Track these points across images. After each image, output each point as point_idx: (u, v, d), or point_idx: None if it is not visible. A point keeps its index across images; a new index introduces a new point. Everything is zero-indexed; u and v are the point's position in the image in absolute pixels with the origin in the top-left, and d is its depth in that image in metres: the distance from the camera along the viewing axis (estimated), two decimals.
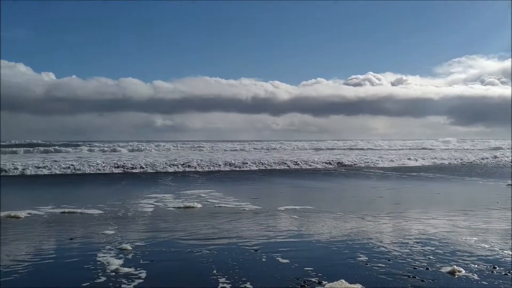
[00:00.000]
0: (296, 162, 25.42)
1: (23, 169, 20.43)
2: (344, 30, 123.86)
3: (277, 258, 6.10)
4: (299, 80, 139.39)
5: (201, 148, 43.87)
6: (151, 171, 21.81)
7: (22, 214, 9.58)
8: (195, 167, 22.94)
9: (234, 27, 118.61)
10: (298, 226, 8.48)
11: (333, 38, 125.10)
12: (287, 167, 23.75)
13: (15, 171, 20.20)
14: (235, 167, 23.04)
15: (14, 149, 35.80)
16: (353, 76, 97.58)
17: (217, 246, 6.81)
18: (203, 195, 13.02)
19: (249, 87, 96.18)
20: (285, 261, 5.98)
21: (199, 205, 10.99)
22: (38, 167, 21.18)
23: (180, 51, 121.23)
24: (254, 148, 45.40)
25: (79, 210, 10.20)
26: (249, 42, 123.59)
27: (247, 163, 24.23)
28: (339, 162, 25.81)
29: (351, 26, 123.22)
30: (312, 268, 5.60)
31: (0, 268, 5.61)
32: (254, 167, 23.33)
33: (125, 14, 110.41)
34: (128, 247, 6.64)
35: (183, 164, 23.35)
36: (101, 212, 10.09)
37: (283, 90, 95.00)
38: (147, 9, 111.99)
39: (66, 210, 10.22)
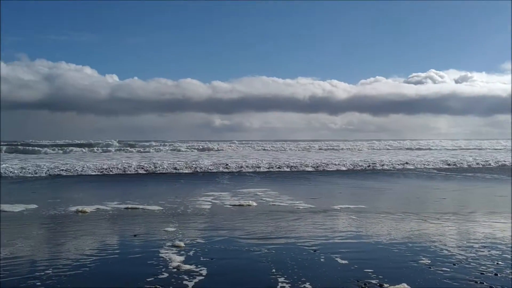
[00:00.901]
0: (355, 162, 25.04)
1: (104, 169, 21.32)
2: (404, 26, 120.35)
3: (336, 259, 6.03)
4: (357, 79, 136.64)
5: (264, 148, 44.08)
6: (226, 170, 22.08)
7: (88, 209, 10.08)
8: (259, 168, 23.05)
9: (290, 27, 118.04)
10: (356, 226, 8.34)
11: (392, 35, 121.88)
12: (344, 168, 23.36)
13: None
14: (293, 168, 22.85)
15: (81, 148, 37.45)
16: (414, 74, 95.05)
17: (275, 245, 6.82)
18: (259, 193, 13.12)
19: (307, 86, 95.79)
20: (344, 262, 5.90)
21: (254, 203, 11.09)
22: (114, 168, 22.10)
23: (238, 51, 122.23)
24: (310, 147, 45.14)
25: (141, 206, 10.62)
26: (306, 42, 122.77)
27: (305, 163, 24.06)
28: (400, 163, 25.11)
29: (411, 22, 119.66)
30: (372, 270, 5.49)
31: (70, 262, 5.90)
32: (310, 168, 23.13)
33: (184, 15, 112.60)
34: (182, 244, 6.80)
35: (248, 166, 23.54)
36: (161, 208, 10.43)
37: (341, 89, 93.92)
38: (205, 10, 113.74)
39: (130, 206, 10.66)
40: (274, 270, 5.54)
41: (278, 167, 22.71)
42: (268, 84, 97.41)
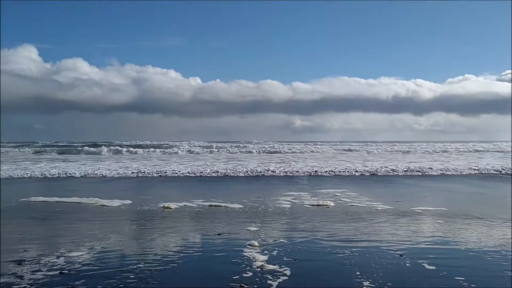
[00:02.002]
0: (446, 167, 23.85)
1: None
2: (492, 22, 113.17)
3: (423, 264, 5.76)
4: (444, 78, 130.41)
5: (350, 149, 43.48)
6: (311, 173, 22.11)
7: (174, 205, 10.57)
8: (345, 171, 22.76)
9: (371, 26, 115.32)
10: (443, 231, 7.92)
11: (481, 31, 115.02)
12: (434, 172, 22.30)
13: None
14: (376, 171, 22.00)
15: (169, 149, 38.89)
16: (508, 71, 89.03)
17: (358, 248, 6.65)
18: (338, 194, 12.96)
19: (390, 86, 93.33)
20: (431, 267, 5.63)
21: (331, 204, 11.02)
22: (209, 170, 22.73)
23: (318, 52, 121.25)
24: (411, 149, 43.78)
25: (223, 204, 10.89)
26: (388, 40, 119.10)
27: (389, 167, 23.29)
28: (494, 167, 23.54)
29: (503, 15, 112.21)
30: (463, 278, 5.19)
31: (159, 257, 6.12)
32: (391, 172, 22.37)
33: (264, 17, 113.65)
34: (265, 243, 6.82)
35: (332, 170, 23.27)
36: (243, 206, 10.64)
37: (427, 88, 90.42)
38: (285, 11, 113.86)
39: (213, 204, 10.95)
40: (358, 273, 5.40)
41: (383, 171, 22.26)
42: (349, 84, 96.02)
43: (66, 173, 19.28)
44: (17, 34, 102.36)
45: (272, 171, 20.34)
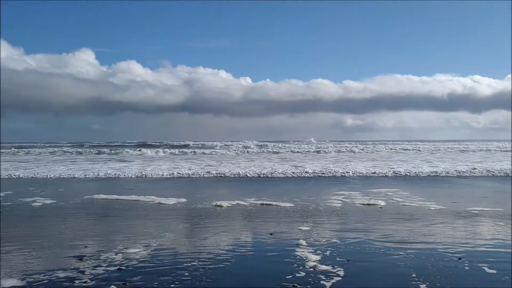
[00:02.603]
0: None
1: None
2: None
3: (483, 268, 5.50)
4: (504, 73, 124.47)
5: (406, 148, 42.37)
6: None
7: (225, 204, 10.69)
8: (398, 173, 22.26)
9: (424, 22, 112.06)
10: (504, 234, 7.53)
11: None
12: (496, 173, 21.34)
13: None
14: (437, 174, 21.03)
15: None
16: None
17: (413, 249, 6.43)
18: (389, 193, 12.69)
19: (445, 83, 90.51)
20: (492, 271, 5.36)
21: (383, 203, 10.82)
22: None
23: (370, 50, 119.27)
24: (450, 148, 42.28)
25: (274, 203, 10.90)
26: (443, 36, 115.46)
27: (443, 167, 22.46)
28: None
29: None
30: None
31: (212, 256, 6.16)
32: (450, 173, 21.59)
33: (314, 16, 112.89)
34: (317, 243, 6.72)
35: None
36: (293, 205, 10.63)
37: (485, 85, 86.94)
38: (334, 10, 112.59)
39: (264, 202, 11.00)
40: (414, 276, 5.21)
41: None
42: (402, 82, 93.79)
43: (123, 173, 19.85)
44: (76, 39, 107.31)
45: (326, 172, 20.09)
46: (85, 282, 4.97)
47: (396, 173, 19.31)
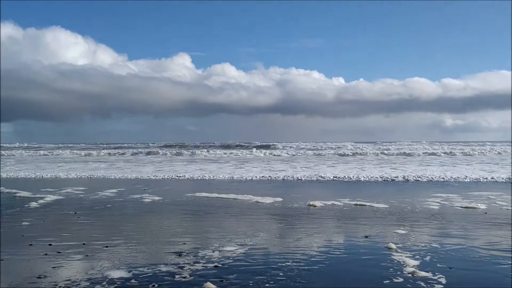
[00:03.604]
0: None
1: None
2: None
3: None
4: None
5: None
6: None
7: (318, 203, 10.65)
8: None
9: None
10: None
11: None
12: None
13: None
14: None
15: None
16: None
17: None
18: (492, 196, 11.79)
19: None
20: None
21: (482, 206, 10.12)
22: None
23: (470, 46, 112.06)
24: None
25: (368, 204, 10.65)
26: None
27: None
28: None
29: None
30: None
31: (306, 257, 6.07)
32: None
33: (406, 13, 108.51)
34: (415, 248, 6.36)
35: None
36: (387, 206, 10.30)
37: None
38: (432, 6, 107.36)
39: (359, 203, 10.79)
40: None
41: None
42: (509, 78, 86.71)
43: (220, 174, 20.45)
44: (174, 45, 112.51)
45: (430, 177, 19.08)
46: (184, 277, 5.12)
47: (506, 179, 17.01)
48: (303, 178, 17.67)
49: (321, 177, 18.02)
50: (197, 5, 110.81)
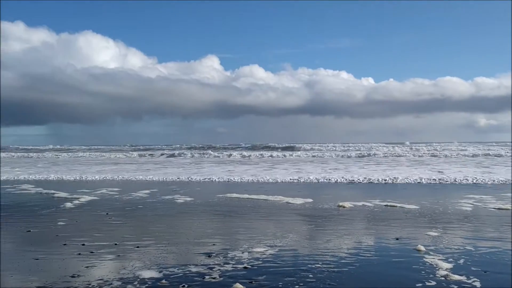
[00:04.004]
0: None
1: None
2: None
3: None
4: None
5: None
6: None
7: (347, 204, 10.63)
8: None
9: None
10: None
11: None
12: None
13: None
14: None
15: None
16: None
17: None
18: None
19: None
20: None
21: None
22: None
23: (504, 43, 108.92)
24: None
25: (399, 205, 10.53)
26: None
27: None
28: None
29: None
30: None
31: (336, 259, 6.00)
32: None
33: (438, 12, 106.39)
34: (447, 250, 6.19)
35: None
36: (418, 207, 10.18)
37: None
38: (464, 5, 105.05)
39: (389, 204, 10.69)
40: None
41: None
42: None
43: (251, 175, 20.49)
44: (203, 47, 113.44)
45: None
46: (214, 278, 5.12)
47: None
48: (333, 180, 17.42)
49: (352, 179, 17.72)
50: (226, 7, 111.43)
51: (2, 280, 5.08)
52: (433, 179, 16.60)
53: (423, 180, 16.55)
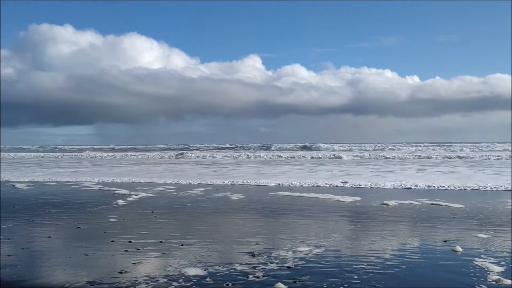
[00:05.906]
0: None
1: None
2: None
3: None
4: None
5: None
6: None
7: (392, 202, 10.65)
8: None
9: None
10: None
11: None
12: None
13: None
14: None
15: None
16: None
17: None
18: None
19: None
20: None
21: None
22: None
23: None
24: None
25: (444, 203, 10.39)
26: None
27: None
28: None
29: None
30: None
31: (381, 260, 5.80)
32: None
33: (487, 9, 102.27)
34: (498, 254, 5.85)
35: None
36: (463, 206, 10.03)
37: None
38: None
39: (434, 202, 10.61)
40: None
41: None
42: None
43: (300, 176, 20.35)
44: (245, 47, 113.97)
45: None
46: (257, 277, 5.05)
47: None
48: (382, 185, 15.42)
49: (406, 184, 16.06)
50: (267, 7, 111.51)
51: (56, 273, 5.21)
52: (485, 186, 15.93)
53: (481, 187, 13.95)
